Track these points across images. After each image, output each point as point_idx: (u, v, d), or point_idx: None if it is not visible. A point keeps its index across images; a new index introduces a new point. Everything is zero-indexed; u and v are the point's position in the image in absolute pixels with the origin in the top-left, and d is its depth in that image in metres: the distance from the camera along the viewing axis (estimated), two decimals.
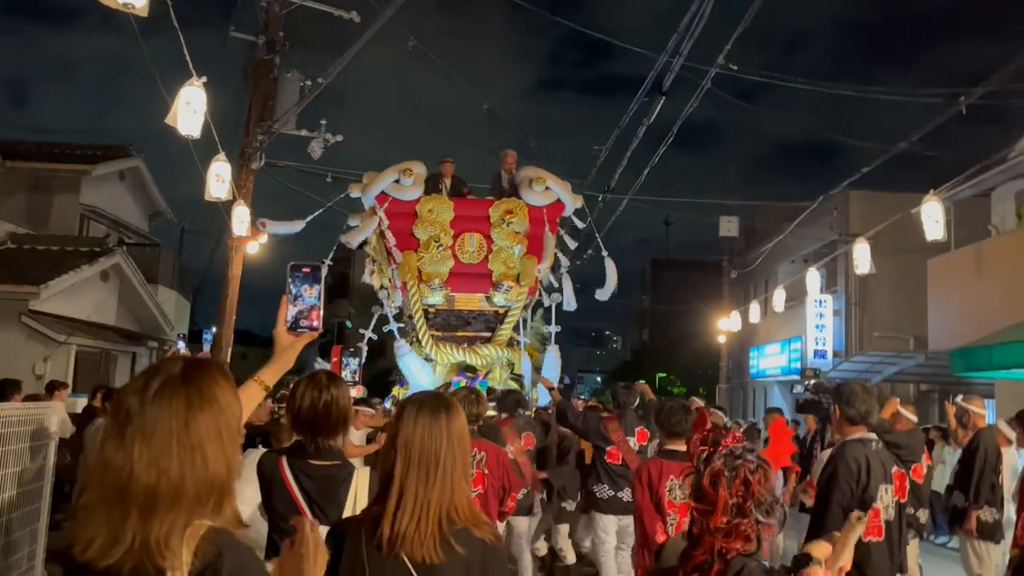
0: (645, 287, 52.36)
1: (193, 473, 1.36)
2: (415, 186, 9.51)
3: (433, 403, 2.09)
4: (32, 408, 4.73)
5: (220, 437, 1.41)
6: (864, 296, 19.40)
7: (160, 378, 1.42)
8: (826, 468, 3.72)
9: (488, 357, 9.47)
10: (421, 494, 1.95)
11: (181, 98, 7.55)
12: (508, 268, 9.56)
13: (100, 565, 1.34)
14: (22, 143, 16.98)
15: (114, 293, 15.16)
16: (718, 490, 1.83)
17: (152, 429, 1.36)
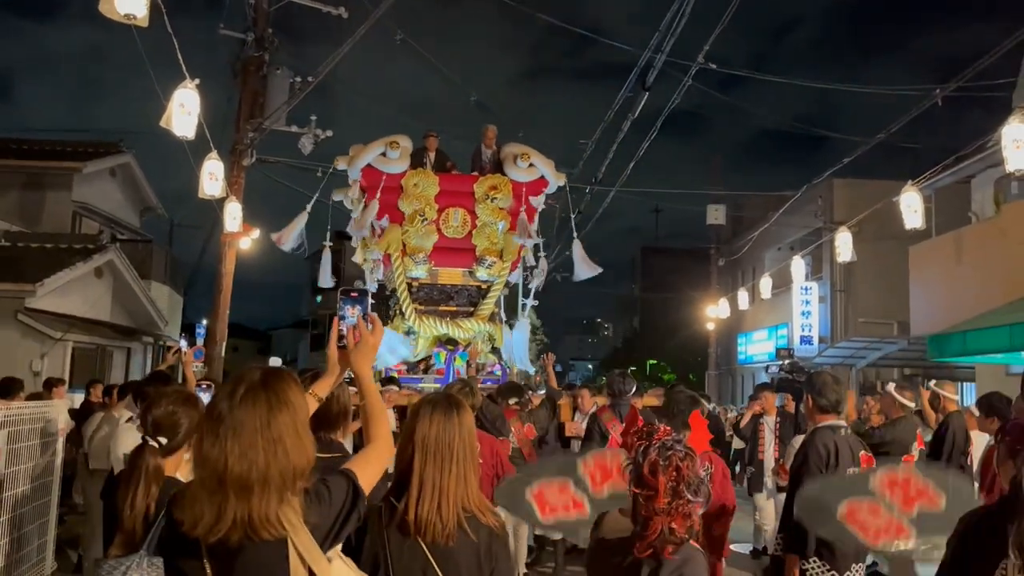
0: (635, 275, 52.64)
1: (276, 462, 1.63)
2: (401, 159, 9.54)
3: (446, 402, 2.35)
4: (41, 406, 4.92)
5: (296, 432, 1.69)
6: (849, 283, 19.69)
7: (244, 385, 1.70)
8: (798, 453, 3.97)
9: (470, 331, 9.54)
10: (439, 483, 2.20)
11: (175, 100, 7.68)
12: (492, 243, 9.64)
13: (210, 540, 1.63)
14: (13, 141, 17.00)
15: (108, 289, 15.28)
16: (657, 476, 2.10)
17: (240, 427, 1.64)
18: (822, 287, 20.88)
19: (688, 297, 31.34)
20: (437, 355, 9.38)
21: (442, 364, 9.36)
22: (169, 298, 18.71)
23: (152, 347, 17.83)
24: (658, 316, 42.52)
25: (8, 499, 4.42)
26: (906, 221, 9.92)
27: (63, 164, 16.51)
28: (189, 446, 2.69)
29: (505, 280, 9.93)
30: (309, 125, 13.67)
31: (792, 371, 8.93)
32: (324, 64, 11.52)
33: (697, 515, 2.13)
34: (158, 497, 2.47)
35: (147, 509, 2.44)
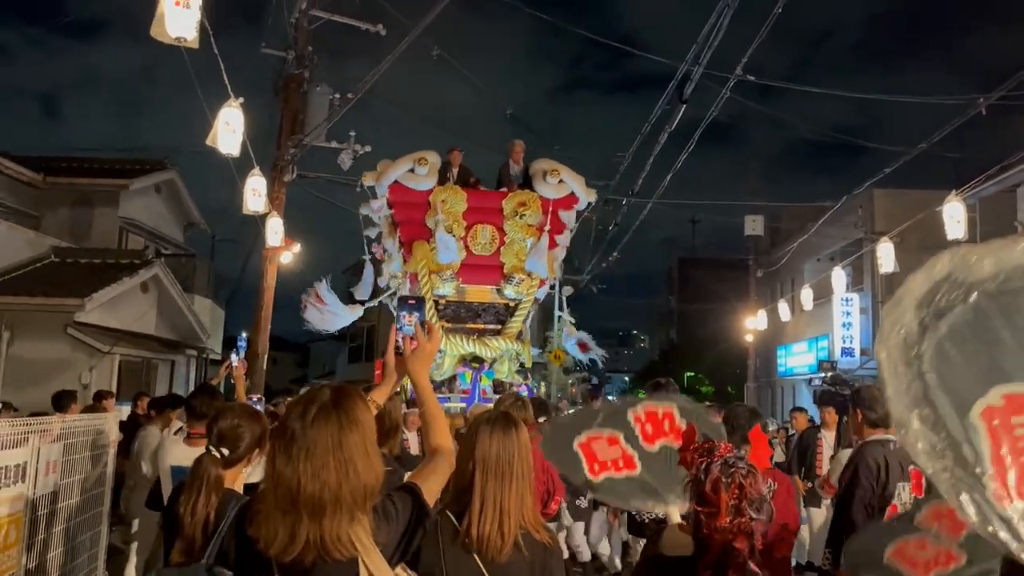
0: (672, 286, 52.31)
1: (348, 482, 1.66)
2: (429, 176, 9.45)
3: (504, 421, 2.42)
4: (95, 419, 5.07)
5: (366, 452, 1.72)
6: (890, 293, 19.26)
7: (316, 405, 1.73)
8: (847, 468, 3.89)
9: (497, 349, 9.40)
10: (500, 501, 2.25)
11: (220, 119, 7.87)
12: (520, 261, 9.48)
13: (285, 559, 1.66)
14: (63, 159, 17.47)
15: (153, 303, 15.62)
16: (719, 494, 2.07)
17: (313, 448, 1.67)
18: (863, 298, 20.59)
19: (726, 308, 31.06)
20: (462, 375, 9.25)
21: (467, 384, 9.23)
22: (211, 311, 19.04)
23: (195, 360, 18.15)
24: (695, 327, 42.20)
25: (63, 510, 4.55)
26: (948, 232, 9.80)
27: (111, 181, 16.93)
28: (248, 459, 2.79)
29: (533, 298, 9.78)
30: (348, 140, 13.91)
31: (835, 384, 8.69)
32: (363, 81, 11.71)
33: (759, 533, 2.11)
34: (217, 507, 2.53)
35: (207, 517, 2.50)
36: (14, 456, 3.77)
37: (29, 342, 12.57)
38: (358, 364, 38.00)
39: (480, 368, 9.21)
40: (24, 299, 12.56)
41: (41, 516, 4.22)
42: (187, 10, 5.45)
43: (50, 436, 4.18)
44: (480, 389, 9.05)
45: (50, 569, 4.45)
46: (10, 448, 3.73)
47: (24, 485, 3.90)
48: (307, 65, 13.55)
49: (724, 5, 7.52)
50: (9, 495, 3.76)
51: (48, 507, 4.30)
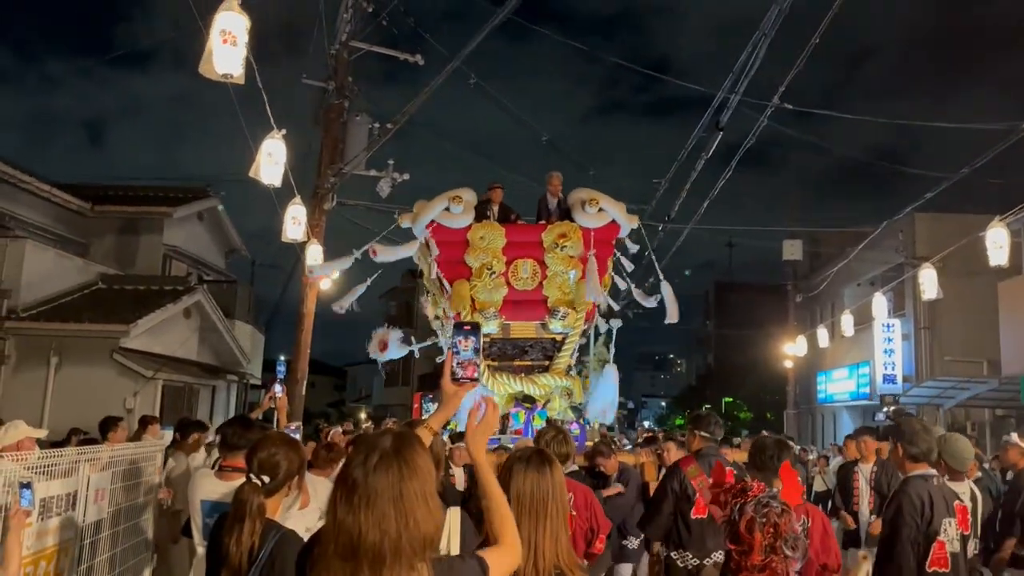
0: (709, 310, 51.87)
1: (408, 533, 1.66)
2: (465, 213, 9.30)
3: (538, 459, 2.44)
4: (141, 447, 5.18)
5: (426, 502, 1.71)
6: (934, 320, 19.04)
7: (378, 452, 1.74)
8: (891, 504, 3.82)
9: (547, 387, 9.21)
10: (535, 541, 2.26)
11: (263, 150, 8.04)
12: (563, 294, 9.27)
13: None
14: (110, 188, 17.94)
15: (196, 329, 15.90)
16: (754, 533, 2.08)
17: (374, 496, 1.67)
18: (905, 324, 20.25)
19: (764, 333, 30.71)
20: (516, 415, 9.03)
21: (520, 424, 8.98)
22: (252, 336, 19.30)
23: (236, 384, 18.40)
24: (733, 353, 41.74)
25: (109, 538, 4.64)
26: (991, 258, 9.64)
27: (155, 209, 17.32)
28: (288, 489, 2.82)
29: (581, 331, 9.57)
30: (387, 168, 14.10)
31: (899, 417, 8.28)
32: (402, 111, 11.93)
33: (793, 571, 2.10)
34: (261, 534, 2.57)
35: (252, 546, 2.53)
36: (65, 485, 3.87)
37: (76, 367, 12.86)
38: (395, 388, 38.21)
39: (533, 408, 9.00)
40: (72, 325, 12.88)
41: (88, 544, 4.31)
42: (234, 48, 5.60)
43: (99, 464, 4.28)
44: (533, 429, 8.67)
45: None
46: (61, 477, 3.82)
47: (74, 513, 3.99)
48: (347, 95, 13.82)
49: (761, 35, 7.54)
50: (59, 523, 3.85)
51: (95, 535, 4.39)
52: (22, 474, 3.36)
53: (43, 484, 3.62)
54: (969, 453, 4.49)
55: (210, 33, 5.53)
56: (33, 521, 3.48)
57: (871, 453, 7.37)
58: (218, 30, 5.46)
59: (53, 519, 3.78)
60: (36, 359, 12.79)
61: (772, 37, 7.67)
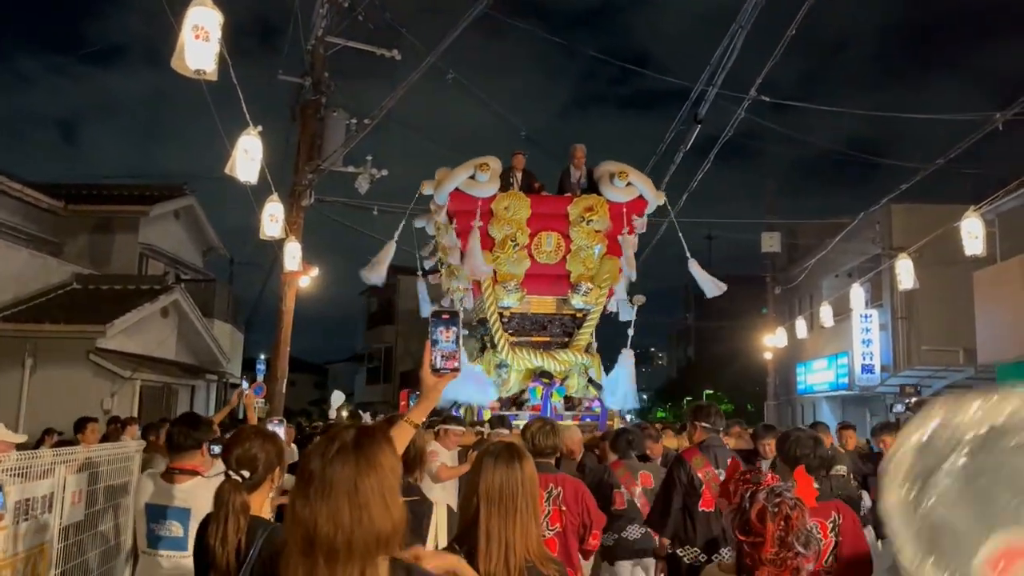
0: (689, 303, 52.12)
1: (361, 528, 1.60)
2: (491, 182, 9.00)
3: (507, 453, 2.41)
4: (118, 447, 5.12)
5: (384, 498, 1.64)
6: (911, 310, 19.23)
7: (336, 445, 1.69)
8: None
9: (566, 363, 8.91)
10: (505, 536, 2.26)
11: (239, 147, 7.95)
12: (587, 269, 9.01)
13: None
14: (83, 187, 17.72)
15: (174, 329, 15.75)
16: (765, 524, 1.99)
17: (329, 489, 1.62)
18: (883, 314, 20.44)
19: (744, 325, 30.91)
20: (533, 390, 8.79)
21: (538, 400, 8.72)
22: (231, 335, 19.17)
23: (216, 384, 18.26)
24: (714, 345, 41.98)
25: (87, 540, 4.58)
26: (966, 248, 9.74)
27: (131, 208, 17.15)
28: (271, 482, 2.76)
29: (602, 308, 9.29)
30: (365, 165, 14.02)
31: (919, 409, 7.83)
32: (379, 107, 11.86)
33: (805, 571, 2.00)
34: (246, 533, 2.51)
35: (238, 544, 2.48)
36: (42, 487, 3.82)
37: (52, 368, 12.70)
38: (376, 385, 38.10)
39: (551, 384, 8.75)
40: (47, 326, 12.71)
41: (65, 547, 4.25)
42: (206, 43, 5.53)
43: (75, 466, 4.22)
44: (551, 405, 8.58)
45: None
46: (36, 479, 3.77)
47: (51, 515, 3.94)
48: (324, 91, 13.72)
49: (737, 28, 7.56)
50: (37, 525, 3.80)
51: (73, 537, 4.33)
52: None
53: (19, 486, 3.57)
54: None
55: (182, 28, 5.46)
56: (8, 524, 3.44)
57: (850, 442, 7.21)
58: (190, 25, 5.38)
59: (29, 522, 3.73)
60: (11, 360, 12.60)
61: (748, 29, 7.70)
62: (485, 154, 9.12)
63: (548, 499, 4.02)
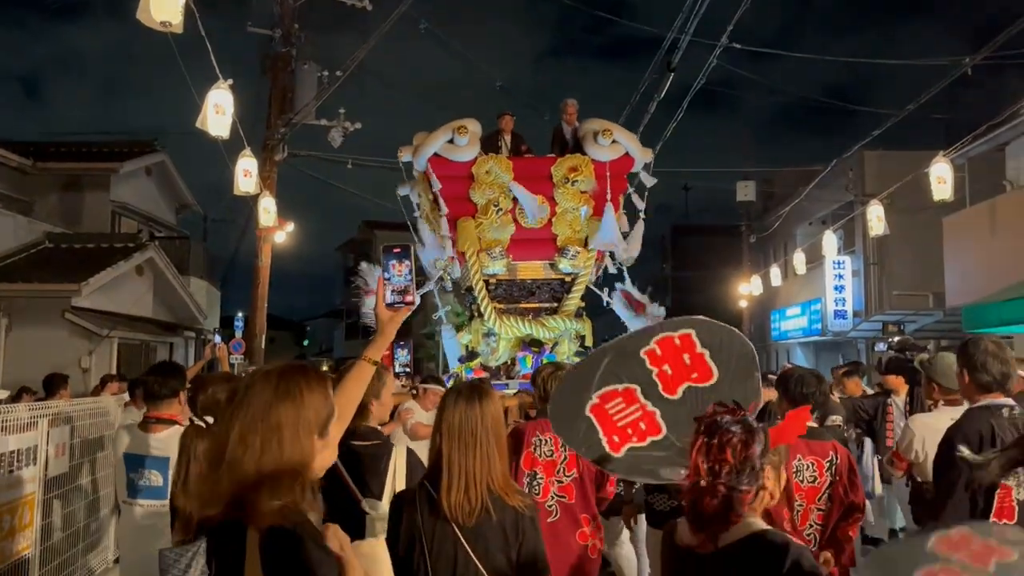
0: (665, 254, 52.39)
1: (270, 452, 1.58)
2: (470, 146, 8.70)
3: (468, 392, 2.52)
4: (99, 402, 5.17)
5: (297, 429, 1.62)
6: (882, 255, 19.50)
7: (262, 371, 1.71)
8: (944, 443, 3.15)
9: (555, 329, 8.77)
10: (465, 467, 2.38)
11: (209, 101, 7.86)
12: (574, 231, 8.79)
13: (208, 514, 1.61)
14: (51, 144, 17.39)
15: (149, 286, 15.67)
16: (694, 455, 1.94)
17: (246, 411, 1.62)
18: (855, 261, 20.72)
19: (720, 275, 31.20)
20: (523, 359, 8.69)
21: (528, 368, 8.51)
22: (207, 292, 19.10)
23: (194, 341, 18.25)
24: (690, 294, 42.28)
25: (73, 492, 4.66)
26: (935, 193, 9.85)
27: (101, 165, 16.88)
28: None
29: (591, 271, 9.17)
30: (338, 118, 13.90)
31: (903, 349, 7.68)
32: (351, 58, 11.74)
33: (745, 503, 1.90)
34: None
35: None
36: (26, 439, 3.87)
37: (28, 328, 12.65)
38: (355, 340, 38.19)
39: (541, 352, 8.63)
40: (21, 285, 12.63)
41: (50, 498, 4.32)
42: None
43: (58, 419, 4.27)
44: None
45: (61, 549, 4.57)
46: (21, 432, 3.82)
47: (36, 468, 4.00)
48: (294, 43, 13.53)
49: None
50: (23, 477, 3.86)
51: (58, 488, 4.40)
52: None
53: (2, 439, 3.62)
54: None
55: None
56: None
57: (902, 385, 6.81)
58: None
59: (14, 473, 3.79)
60: None
61: None
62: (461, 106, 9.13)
63: (564, 444, 3.88)
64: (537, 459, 4.04)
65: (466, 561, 2.37)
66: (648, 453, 2.52)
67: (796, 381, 3.74)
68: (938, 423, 3.73)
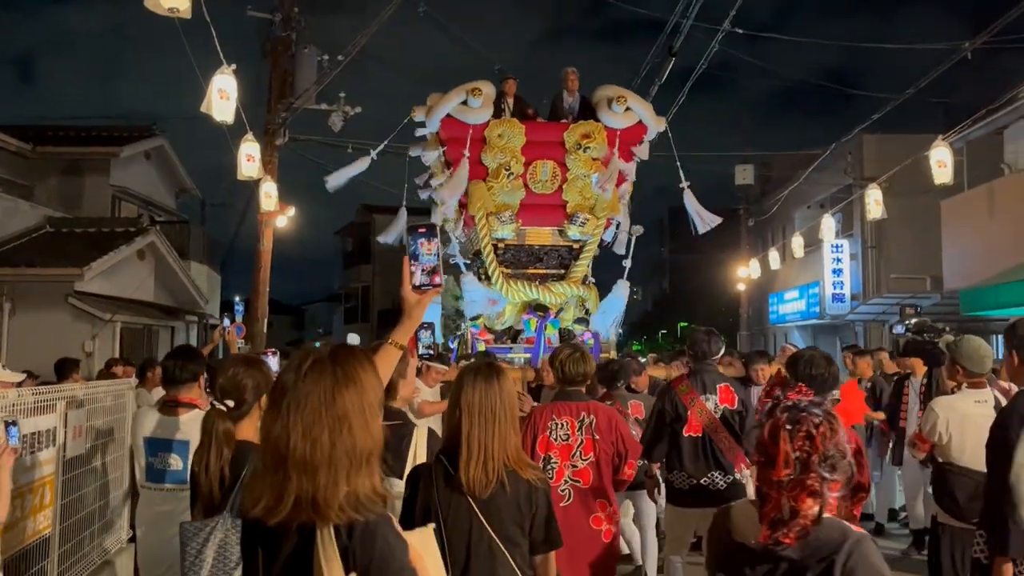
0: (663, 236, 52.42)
1: (341, 441, 1.52)
2: (483, 108, 8.64)
3: (486, 370, 2.63)
4: (115, 385, 5.25)
5: (363, 413, 1.57)
6: (880, 239, 19.58)
7: (311, 358, 1.60)
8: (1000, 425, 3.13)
9: (562, 295, 8.74)
10: (484, 443, 2.48)
11: (213, 86, 7.90)
12: (584, 198, 8.73)
13: (271, 523, 1.52)
14: (50, 128, 17.36)
15: (151, 271, 15.71)
16: (777, 443, 1.78)
17: (304, 402, 1.53)
18: (853, 244, 20.81)
19: (718, 258, 31.28)
20: (527, 323, 8.65)
21: (532, 332, 8.56)
22: (208, 277, 19.15)
23: (196, 325, 18.31)
24: (688, 278, 42.46)
25: (90, 473, 4.75)
26: (935, 177, 9.92)
27: (101, 149, 16.86)
28: (260, 407, 2.67)
29: (599, 239, 9.09)
30: (338, 102, 13.89)
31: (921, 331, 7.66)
32: (352, 43, 11.74)
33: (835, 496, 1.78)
34: (232, 460, 2.53)
35: (221, 472, 2.51)
36: (44, 422, 3.95)
37: (31, 312, 12.69)
38: (354, 325, 38.26)
39: (545, 317, 8.59)
40: (24, 270, 12.66)
41: (66, 480, 4.41)
42: None
43: (75, 402, 4.35)
44: (545, 338, 8.37)
45: (80, 529, 4.66)
46: (39, 414, 3.90)
47: (54, 449, 4.08)
48: (294, 27, 13.50)
49: None
50: (42, 458, 3.95)
51: (77, 470, 4.49)
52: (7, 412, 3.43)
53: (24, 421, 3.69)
54: (987, 351, 3.96)
55: None
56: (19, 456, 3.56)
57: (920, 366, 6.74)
58: None
59: (35, 455, 3.87)
60: None
61: None
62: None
63: (580, 428, 3.99)
64: (552, 443, 3.99)
65: (480, 531, 2.47)
66: None
67: (806, 362, 3.77)
68: (962, 405, 3.89)
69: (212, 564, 2.43)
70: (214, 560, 2.43)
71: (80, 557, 4.59)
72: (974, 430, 3.63)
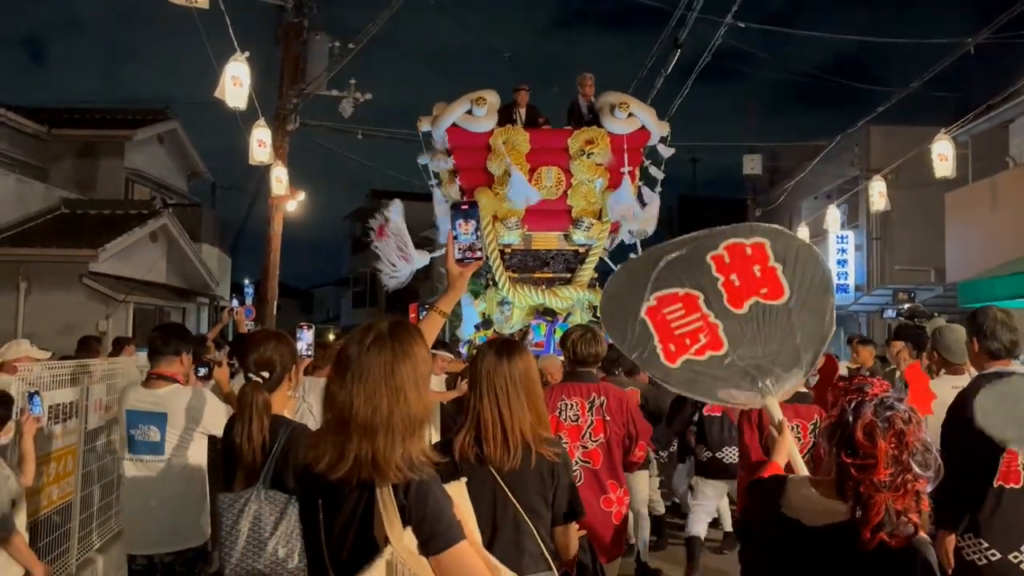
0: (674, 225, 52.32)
1: (399, 410, 1.73)
2: (488, 116, 8.86)
3: (499, 346, 2.71)
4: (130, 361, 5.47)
5: (417, 384, 1.78)
6: (885, 230, 19.65)
7: (373, 334, 1.82)
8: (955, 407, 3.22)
9: (569, 299, 8.92)
10: (501, 418, 2.55)
11: (227, 73, 8.10)
12: (589, 203, 8.90)
13: (332, 477, 1.74)
14: (65, 111, 17.59)
15: (163, 253, 15.97)
16: (876, 441, 1.68)
17: (367, 374, 1.75)
18: (858, 235, 20.87)
19: None
20: (536, 327, 8.80)
21: (541, 336, 8.72)
22: (219, 259, 19.39)
23: (207, 307, 18.57)
24: None
25: (108, 444, 4.98)
26: (937, 170, 10.06)
27: (115, 132, 17.09)
28: (289, 381, 2.88)
29: (605, 243, 9.26)
30: (349, 88, 14.08)
31: (912, 316, 7.79)
32: (363, 31, 11.89)
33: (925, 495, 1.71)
34: (269, 431, 2.63)
35: (263, 441, 2.61)
36: (67, 394, 4.17)
37: (46, 292, 12.95)
38: (362, 309, 38.48)
39: (554, 321, 8.77)
40: (39, 250, 12.91)
41: (90, 449, 4.64)
42: None
43: (96, 377, 4.58)
44: (554, 342, 8.44)
45: (99, 496, 4.90)
46: (63, 387, 4.12)
47: (77, 420, 4.31)
48: (306, 13, 13.65)
49: None
50: (66, 429, 4.18)
51: (96, 441, 4.72)
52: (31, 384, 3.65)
53: (49, 393, 3.91)
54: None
55: None
56: (43, 427, 3.76)
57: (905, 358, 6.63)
58: None
59: (60, 425, 4.10)
60: (5, 285, 12.84)
61: None
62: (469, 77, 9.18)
63: (591, 409, 3.97)
64: (562, 423, 3.96)
65: (504, 502, 2.52)
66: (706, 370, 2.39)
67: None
68: (940, 391, 3.92)
69: (247, 536, 2.50)
70: (248, 531, 2.50)
71: (102, 522, 4.83)
72: None
